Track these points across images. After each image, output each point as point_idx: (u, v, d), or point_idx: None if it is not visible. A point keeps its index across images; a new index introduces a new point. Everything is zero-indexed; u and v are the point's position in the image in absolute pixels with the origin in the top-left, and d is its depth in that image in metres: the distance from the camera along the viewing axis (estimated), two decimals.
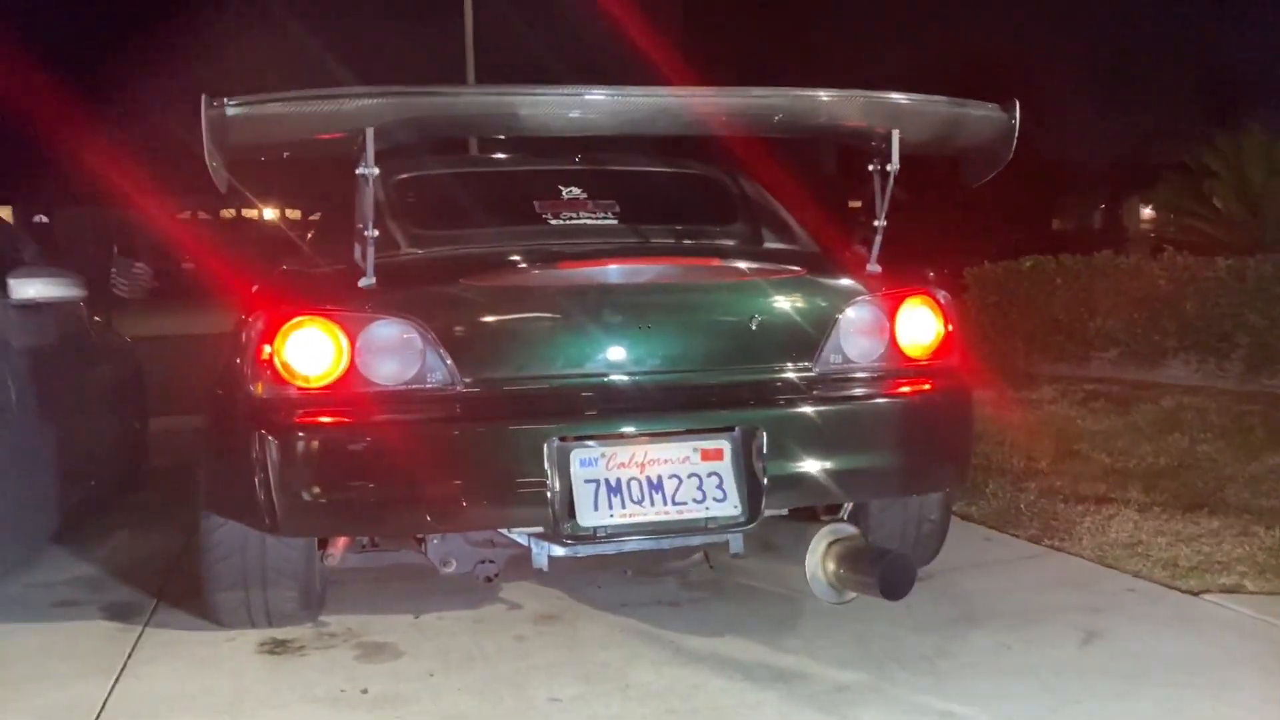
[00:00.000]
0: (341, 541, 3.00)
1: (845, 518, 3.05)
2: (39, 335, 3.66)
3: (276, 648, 2.86)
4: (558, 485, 2.54)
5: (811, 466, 2.68)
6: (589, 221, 3.21)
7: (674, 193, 3.64)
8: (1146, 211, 26.01)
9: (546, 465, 2.54)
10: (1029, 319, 8.13)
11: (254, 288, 2.92)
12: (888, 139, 2.72)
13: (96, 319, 4.90)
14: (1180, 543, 3.59)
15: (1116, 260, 7.80)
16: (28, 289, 3.50)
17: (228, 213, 30.73)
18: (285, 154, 2.70)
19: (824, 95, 2.68)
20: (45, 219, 29.08)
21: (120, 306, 5.44)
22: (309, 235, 3.83)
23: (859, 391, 2.82)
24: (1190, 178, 10.20)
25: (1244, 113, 10.69)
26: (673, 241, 3.21)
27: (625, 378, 2.72)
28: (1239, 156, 9.78)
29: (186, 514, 4.18)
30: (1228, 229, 9.68)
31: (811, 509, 3.06)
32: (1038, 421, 5.87)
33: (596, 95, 2.60)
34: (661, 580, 3.34)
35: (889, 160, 2.74)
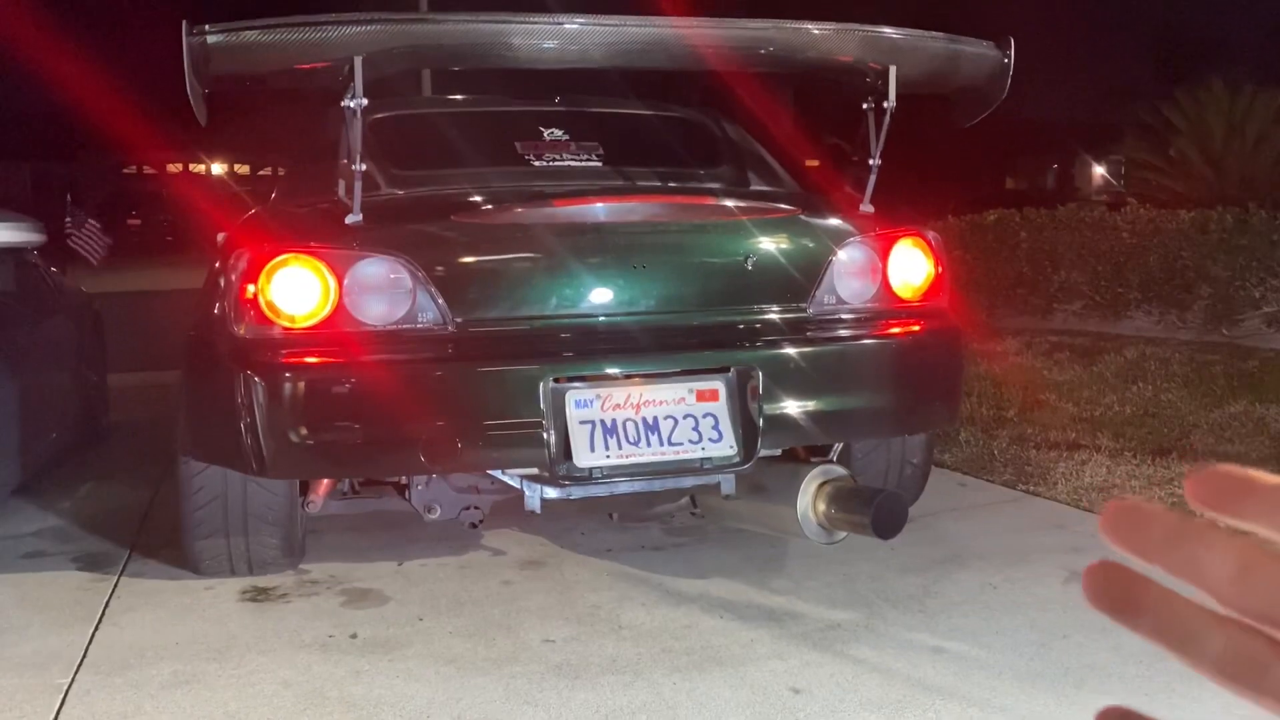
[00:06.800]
0: (323, 488, 2.94)
1: (834, 459, 3.05)
2: None
3: (258, 595, 2.80)
4: (553, 426, 2.51)
5: (806, 407, 2.67)
6: (573, 163, 3.15)
7: (657, 135, 3.59)
8: (1099, 171, 26.30)
9: (542, 406, 2.50)
10: (993, 272, 8.20)
11: (229, 231, 2.82)
12: (883, 76, 2.69)
13: (53, 270, 4.75)
14: (1153, 485, 3.66)
15: (1081, 213, 7.87)
16: None
17: (174, 167, 29.89)
18: (266, 85, 2.60)
19: (817, 29, 2.64)
20: None
21: (76, 261, 5.26)
22: (276, 186, 3.71)
23: (852, 332, 2.82)
24: (1152, 134, 10.31)
25: (1199, 72, 10.77)
26: (665, 182, 3.17)
27: (619, 319, 2.68)
28: (1200, 112, 9.87)
29: (149, 467, 4.10)
30: (1189, 183, 9.79)
31: (796, 451, 3.06)
32: (1004, 372, 5.93)
33: (590, 24, 2.54)
34: (645, 526, 3.33)
35: (885, 98, 2.71)
